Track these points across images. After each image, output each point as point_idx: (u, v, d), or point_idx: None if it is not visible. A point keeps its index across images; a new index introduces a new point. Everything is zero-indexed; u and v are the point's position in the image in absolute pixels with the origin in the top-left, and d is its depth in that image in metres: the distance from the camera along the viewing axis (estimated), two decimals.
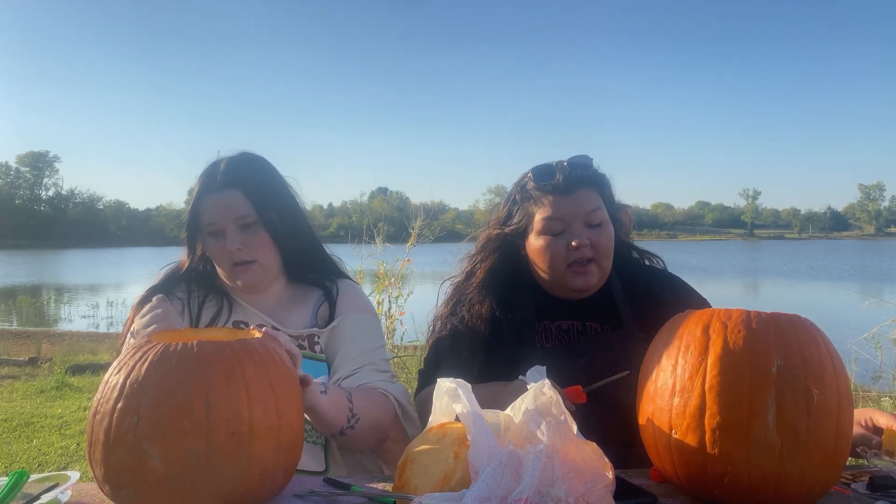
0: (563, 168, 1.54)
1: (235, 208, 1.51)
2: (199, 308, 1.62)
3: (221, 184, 1.52)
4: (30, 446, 4.66)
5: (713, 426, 1.03)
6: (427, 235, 5.19)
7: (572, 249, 1.51)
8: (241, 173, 1.54)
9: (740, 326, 1.07)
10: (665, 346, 1.14)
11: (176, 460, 0.95)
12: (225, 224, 1.51)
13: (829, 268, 30.83)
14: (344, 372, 1.54)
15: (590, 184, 1.55)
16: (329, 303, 1.63)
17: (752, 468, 1.01)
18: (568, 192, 1.53)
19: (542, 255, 1.56)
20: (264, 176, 1.59)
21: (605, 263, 1.56)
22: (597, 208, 1.54)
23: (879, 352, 5.37)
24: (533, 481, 0.90)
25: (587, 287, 1.55)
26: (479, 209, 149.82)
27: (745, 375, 1.03)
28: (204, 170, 1.57)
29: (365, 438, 1.48)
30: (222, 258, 1.55)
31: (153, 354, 1.01)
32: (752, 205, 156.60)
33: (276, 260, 1.59)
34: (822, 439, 1.02)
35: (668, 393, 1.09)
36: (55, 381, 6.53)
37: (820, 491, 1.07)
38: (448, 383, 1.09)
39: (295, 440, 1.09)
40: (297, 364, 1.19)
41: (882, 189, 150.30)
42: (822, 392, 1.02)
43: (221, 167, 1.54)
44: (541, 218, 1.54)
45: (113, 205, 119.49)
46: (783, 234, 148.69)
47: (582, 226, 1.52)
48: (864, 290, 8.39)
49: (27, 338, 10.19)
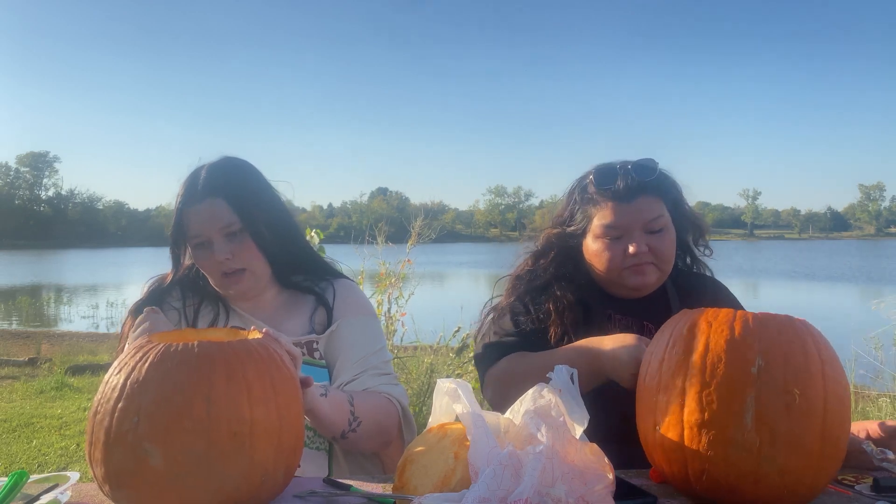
0: (625, 172, 1.51)
1: (219, 218, 1.47)
2: (195, 315, 1.60)
3: (203, 193, 1.48)
4: (29, 447, 4.66)
5: (691, 423, 1.04)
6: (427, 235, 5.18)
7: (629, 256, 1.50)
8: (222, 180, 1.50)
9: (724, 326, 1.08)
10: (656, 344, 1.16)
11: (176, 460, 0.95)
12: (210, 234, 1.48)
13: (829, 268, 30.87)
14: (345, 377, 1.53)
15: (652, 190, 1.51)
16: (325, 307, 1.61)
17: (729, 466, 1.02)
18: (628, 199, 1.50)
19: (598, 258, 1.54)
20: (247, 182, 1.55)
21: (665, 267, 1.54)
22: (658, 216, 1.51)
23: (880, 352, 5.37)
24: (533, 482, 0.90)
25: (644, 286, 1.54)
26: (478, 209, 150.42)
27: (724, 375, 1.03)
28: (185, 178, 1.53)
29: (368, 441, 1.47)
30: (211, 269, 1.52)
31: (154, 354, 1.01)
32: (752, 205, 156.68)
33: (265, 266, 1.56)
34: (804, 440, 1.01)
35: (654, 390, 1.11)
36: (55, 381, 6.54)
37: (806, 493, 1.06)
38: (448, 383, 1.09)
39: (296, 441, 1.09)
40: (297, 365, 1.19)
41: (882, 189, 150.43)
42: (805, 393, 1.02)
43: (202, 175, 1.50)
44: (599, 223, 1.52)
45: (112, 205, 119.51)
46: (783, 235, 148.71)
47: (641, 232, 1.50)
48: (864, 291, 8.39)
49: (27, 338, 10.20)
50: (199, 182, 1.50)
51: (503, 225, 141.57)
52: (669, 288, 1.64)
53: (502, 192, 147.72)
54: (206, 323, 1.59)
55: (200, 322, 1.59)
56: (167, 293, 1.62)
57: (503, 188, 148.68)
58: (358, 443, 1.45)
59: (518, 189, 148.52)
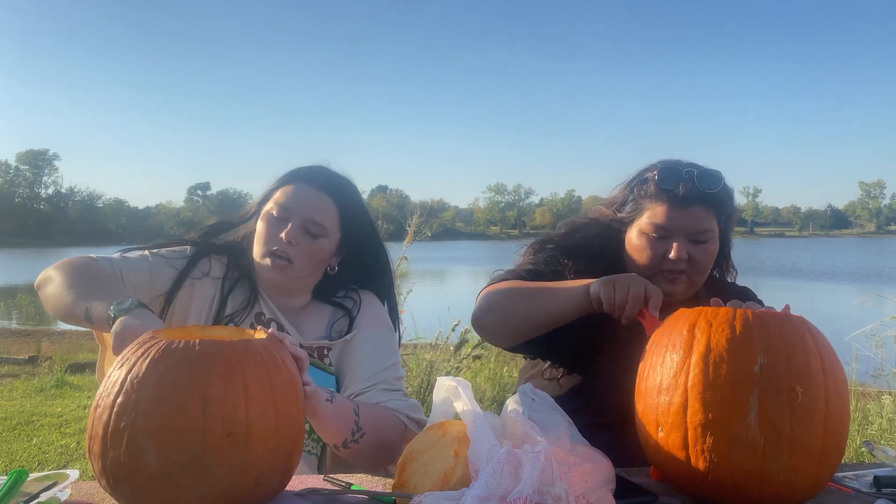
0: (689, 179, 1.50)
1: (317, 211, 1.50)
2: (229, 290, 1.58)
3: (319, 182, 1.52)
4: (29, 445, 4.66)
5: (695, 424, 1.04)
6: (425, 233, 5.18)
7: (668, 259, 1.50)
8: (341, 187, 1.56)
9: (724, 326, 1.07)
10: (656, 344, 1.15)
11: (170, 458, 0.95)
12: (296, 216, 1.49)
13: (829, 265, 30.86)
14: (355, 389, 1.51)
15: (710, 202, 1.50)
16: (349, 316, 1.61)
17: (734, 466, 1.02)
18: (683, 205, 1.49)
19: (638, 252, 1.54)
20: (358, 201, 1.61)
21: (698, 279, 1.54)
22: (707, 229, 1.50)
23: (880, 350, 5.37)
24: (532, 480, 0.89)
25: (672, 294, 1.53)
26: (479, 207, 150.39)
27: (727, 374, 1.03)
28: (303, 166, 1.58)
29: (369, 455, 1.42)
30: (268, 240, 1.50)
31: (155, 351, 1.01)
32: (752, 203, 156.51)
33: (313, 275, 1.57)
34: (807, 438, 1.02)
35: (656, 391, 1.11)
36: (55, 379, 6.53)
37: (809, 490, 1.07)
38: (448, 381, 1.09)
39: (293, 444, 1.08)
40: (303, 368, 1.17)
41: (882, 187, 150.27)
42: (807, 391, 1.02)
43: (326, 172, 1.57)
44: (648, 220, 1.52)
45: (112, 203, 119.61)
46: (784, 232, 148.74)
47: (684, 239, 1.50)
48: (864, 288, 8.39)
49: (27, 336, 10.19)
50: (321, 173, 1.55)
51: (503, 223, 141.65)
52: (703, 293, 1.63)
53: (502, 190, 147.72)
54: (234, 305, 1.57)
55: (230, 301, 1.57)
56: (217, 251, 1.62)
57: (503, 186, 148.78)
58: (359, 455, 1.40)
59: (518, 187, 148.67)
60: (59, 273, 1.43)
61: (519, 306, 1.49)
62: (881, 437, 4.07)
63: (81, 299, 1.34)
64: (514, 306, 1.49)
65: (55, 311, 1.41)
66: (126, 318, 1.23)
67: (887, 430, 4.13)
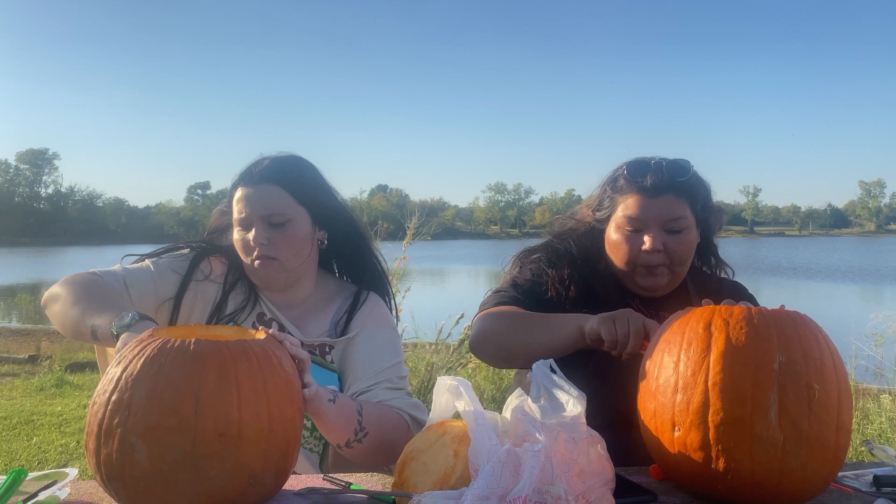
0: (658, 169, 1.51)
1: (268, 204, 1.50)
2: (230, 290, 1.60)
3: (260, 177, 1.52)
4: (29, 444, 4.66)
5: (717, 423, 1.03)
6: (425, 233, 5.18)
7: (644, 252, 1.50)
8: (282, 171, 1.55)
9: (742, 323, 1.07)
10: (666, 343, 1.14)
11: (161, 457, 0.95)
12: (254, 217, 1.51)
13: (828, 264, 30.86)
14: (358, 387, 1.51)
15: (681, 191, 1.52)
16: (348, 312, 1.61)
17: (755, 464, 1.02)
18: (653, 195, 1.50)
19: (615, 248, 1.56)
20: (305, 175, 1.59)
21: (679, 269, 1.55)
22: (680, 217, 1.51)
23: (880, 349, 5.37)
24: (532, 479, 0.89)
25: (654, 287, 1.54)
26: (479, 206, 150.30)
27: (748, 372, 1.03)
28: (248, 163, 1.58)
29: (372, 454, 1.41)
30: (246, 249, 1.54)
31: (151, 349, 1.01)
32: (752, 202, 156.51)
33: (302, 261, 1.57)
34: (823, 434, 1.03)
35: (671, 390, 1.09)
36: (55, 378, 6.54)
37: (820, 486, 1.07)
38: (449, 380, 1.09)
39: (287, 446, 1.07)
40: (304, 369, 1.17)
41: (882, 186, 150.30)
42: (824, 388, 1.03)
43: (264, 163, 1.55)
44: (622, 214, 1.54)
45: (112, 202, 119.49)
46: (783, 232, 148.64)
47: (659, 230, 1.50)
48: (864, 289, 8.40)
49: (27, 335, 10.19)
50: (260, 167, 1.54)
51: (503, 222, 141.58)
52: (690, 285, 1.64)
53: (502, 190, 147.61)
54: (234, 304, 1.59)
55: (231, 301, 1.59)
56: (217, 252, 1.64)
57: (503, 185, 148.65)
58: (362, 454, 1.39)
59: (518, 186, 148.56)
60: (63, 291, 1.45)
61: (513, 339, 1.49)
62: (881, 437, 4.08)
63: (87, 317, 1.37)
64: (509, 338, 1.50)
65: (62, 329, 1.44)
66: (127, 334, 1.26)
67: (887, 430, 4.13)
